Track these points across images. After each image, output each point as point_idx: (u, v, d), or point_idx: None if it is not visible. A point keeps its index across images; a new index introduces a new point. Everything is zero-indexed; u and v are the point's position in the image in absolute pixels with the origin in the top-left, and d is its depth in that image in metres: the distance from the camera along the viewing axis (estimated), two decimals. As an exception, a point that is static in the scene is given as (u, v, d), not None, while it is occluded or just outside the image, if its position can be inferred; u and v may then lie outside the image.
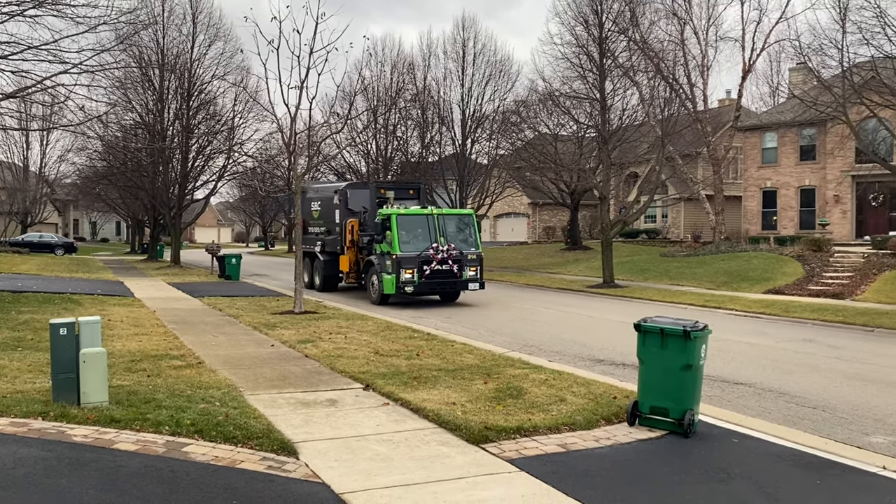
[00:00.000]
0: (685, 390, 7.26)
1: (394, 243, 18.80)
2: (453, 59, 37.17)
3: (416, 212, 19.88)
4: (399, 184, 25.52)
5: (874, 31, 16.82)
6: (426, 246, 18.97)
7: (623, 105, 32.68)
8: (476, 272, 19.51)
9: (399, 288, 18.69)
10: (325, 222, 23.78)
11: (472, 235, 20.08)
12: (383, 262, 19.27)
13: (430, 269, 18.81)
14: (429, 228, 19.32)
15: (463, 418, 7.31)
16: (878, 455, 6.84)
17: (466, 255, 19.37)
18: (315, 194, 25.20)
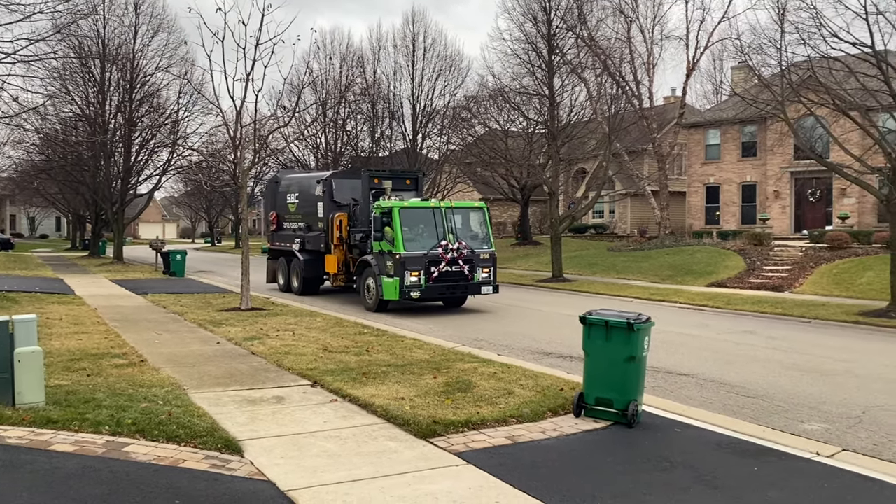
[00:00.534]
0: (629, 381, 7.40)
1: (396, 241, 16.21)
2: (403, 53, 37.10)
3: (421, 204, 17.17)
4: (395, 172, 22.06)
5: (811, 32, 17.37)
6: (433, 244, 16.44)
7: (571, 102, 33.12)
8: (489, 274, 17.06)
9: (403, 293, 16.13)
10: (305, 216, 20.80)
11: (483, 232, 17.54)
12: (382, 263, 16.70)
13: (438, 270, 16.32)
14: (436, 224, 16.71)
15: (411, 413, 7.31)
16: (811, 441, 7.09)
17: (478, 255, 16.92)
18: (291, 185, 22.04)
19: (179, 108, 36.01)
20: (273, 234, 22.67)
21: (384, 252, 16.64)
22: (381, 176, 19.41)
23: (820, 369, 10.83)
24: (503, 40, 36.00)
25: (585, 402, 7.61)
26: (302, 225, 20.94)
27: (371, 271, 17.23)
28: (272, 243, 22.85)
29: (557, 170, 31.47)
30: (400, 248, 16.19)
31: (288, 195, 21.86)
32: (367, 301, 17.50)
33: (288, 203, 21.82)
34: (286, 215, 21.93)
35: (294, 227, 21.42)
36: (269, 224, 22.84)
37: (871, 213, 31.00)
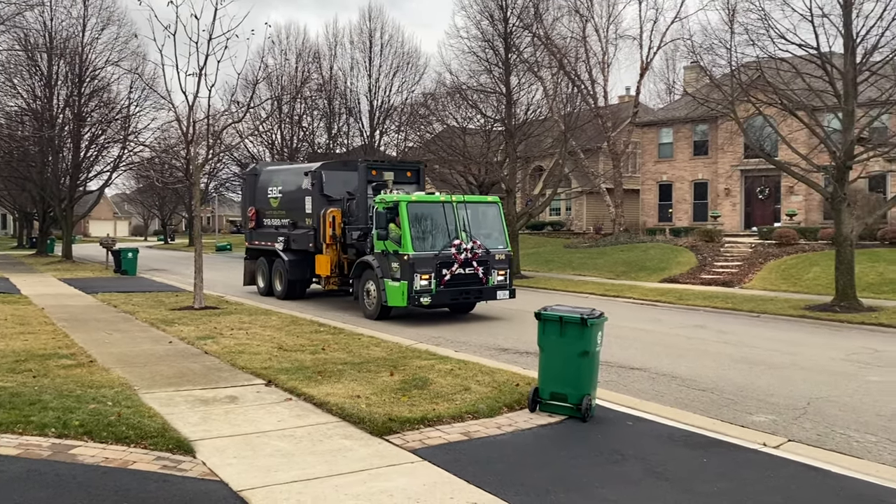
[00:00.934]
0: (583, 376, 7.49)
1: (404, 240, 14.41)
2: (360, 49, 36.93)
3: (431, 198, 15.43)
4: (395, 163, 19.81)
5: (759, 33, 17.79)
6: (445, 243, 14.72)
7: (528, 100, 33.33)
8: (505, 276, 15.37)
9: (412, 299, 14.35)
10: (290, 212, 18.87)
11: (498, 229, 15.76)
12: (386, 265, 14.87)
13: (450, 273, 14.58)
14: (446, 220, 14.91)
15: (367, 411, 7.28)
16: (759, 433, 7.27)
17: (493, 255, 15.21)
18: (273, 177, 20.01)
19: (131, 104, 35.27)
20: (252, 232, 20.72)
21: (388, 252, 14.79)
22: (381, 167, 17.60)
23: (768, 362, 11.11)
24: (460, 38, 36.03)
25: (540, 397, 7.68)
26: (286, 222, 19.10)
27: (372, 274, 15.42)
28: (251, 242, 20.93)
29: (515, 167, 31.65)
30: (408, 247, 14.35)
31: (269, 189, 19.85)
32: (367, 307, 15.65)
33: (269, 197, 19.80)
34: (267, 211, 19.98)
35: (276, 224, 19.57)
36: (246, 221, 20.75)
37: (817, 210, 31.90)
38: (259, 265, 20.51)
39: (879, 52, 17.22)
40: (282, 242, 18.96)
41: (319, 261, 17.60)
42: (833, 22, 17.21)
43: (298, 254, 18.57)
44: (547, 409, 7.63)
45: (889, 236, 24.33)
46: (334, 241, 17.18)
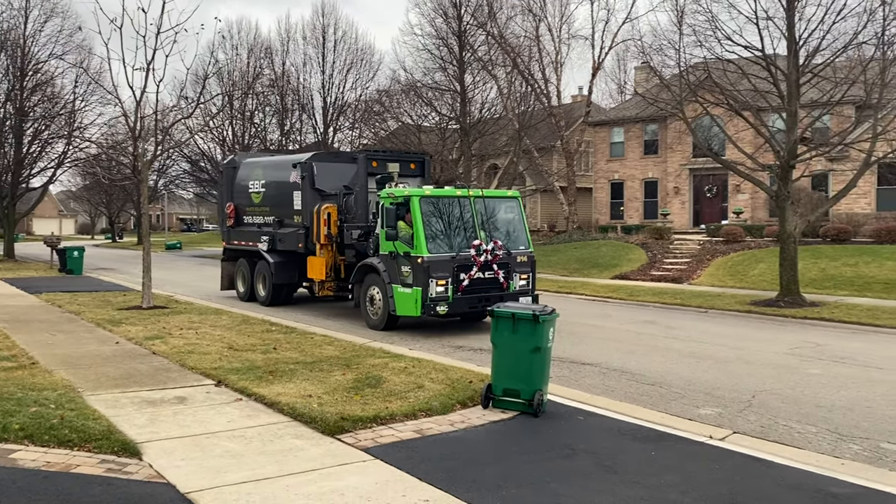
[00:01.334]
0: (535, 372, 7.56)
1: (417, 240, 12.71)
2: (313, 45, 36.57)
3: (446, 193, 13.67)
4: (398, 153, 17.77)
5: (707, 35, 18.19)
6: (462, 244, 13.10)
7: (483, 98, 33.57)
8: (527, 281, 13.74)
9: (427, 308, 12.58)
10: (275, 209, 17.11)
11: (519, 228, 14.17)
12: (394, 268, 13.15)
13: (468, 278, 12.91)
14: (463, 217, 13.34)
15: (319, 410, 7.23)
16: (706, 426, 7.44)
17: (515, 257, 13.60)
18: (255, 170, 18.16)
19: (76, 98, 34.29)
20: (230, 231, 18.80)
21: (397, 254, 13.06)
22: (384, 158, 16.00)
23: (715, 357, 11.38)
24: (414, 35, 36.01)
25: (493, 393, 7.73)
26: (270, 219, 17.32)
27: (376, 279, 13.67)
28: (229, 241, 19.03)
29: (470, 165, 31.82)
30: (423, 248, 12.61)
31: (250, 183, 18.00)
32: (371, 317, 13.88)
33: (250, 192, 17.96)
34: (248, 207, 18.12)
35: (259, 222, 17.76)
36: (224, 218, 18.91)
37: (763, 208, 32.76)
38: (239, 267, 18.60)
39: (821, 55, 17.77)
40: (266, 242, 17.13)
41: (312, 263, 15.76)
42: (777, 25, 17.69)
43: (285, 255, 16.84)
44: (500, 406, 7.68)
45: (831, 233, 25.12)
46: (329, 241, 15.37)
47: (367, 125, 35.97)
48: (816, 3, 17.36)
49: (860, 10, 17.11)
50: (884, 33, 17.04)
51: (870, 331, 14.18)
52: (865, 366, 10.67)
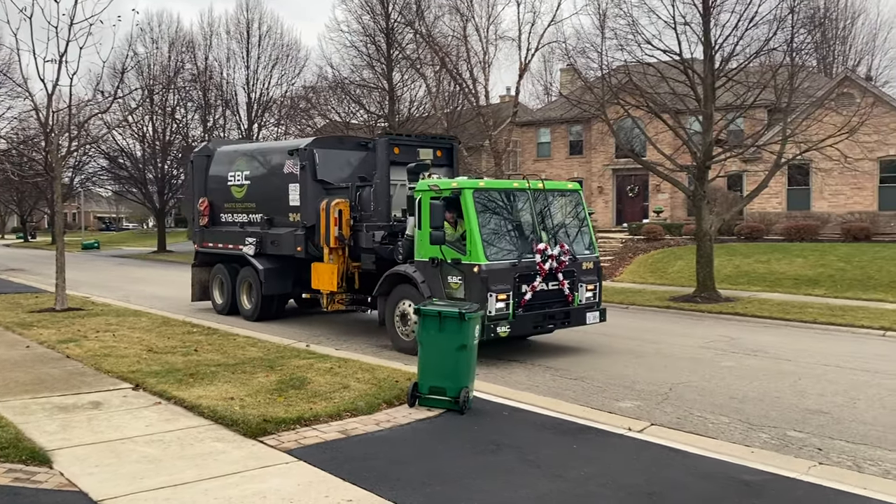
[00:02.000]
0: (461, 369, 7.62)
1: (473, 244, 10.29)
2: (237, 40, 35.80)
3: (503, 185, 11.35)
4: (423, 137, 14.85)
5: (628, 39, 18.71)
6: (523, 248, 10.72)
7: (411, 96, 33.53)
8: (594, 292, 11.45)
9: (485, 328, 9.87)
10: (264, 205, 14.48)
11: (583, 228, 11.81)
12: (437, 280, 10.71)
13: (531, 290, 10.50)
14: (522, 215, 11.05)
15: (241, 413, 7.09)
16: (625, 418, 7.66)
17: (580, 263, 11.27)
18: (236, 159, 15.39)
19: (-19, 90, 32.50)
20: (203, 232, 16.05)
21: (442, 261, 10.62)
22: (409, 143, 13.27)
23: (635, 351, 11.71)
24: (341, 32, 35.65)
25: (419, 391, 7.74)
26: (257, 217, 14.66)
27: (410, 292, 11.16)
28: (202, 244, 16.18)
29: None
30: (479, 255, 10.21)
31: (230, 174, 15.33)
32: (402, 337, 11.35)
33: (230, 186, 15.31)
34: (227, 203, 15.47)
35: (242, 221, 15.07)
36: (196, 216, 16.22)
37: (681, 207, 33.89)
38: (216, 275, 15.80)
39: (735, 60, 18.51)
40: (252, 245, 14.50)
41: (319, 271, 13.12)
42: (694, 30, 18.34)
43: (277, 260, 14.32)
44: (426, 404, 7.70)
45: (745, 232, 26.21)
46: (341, 245, 12.74)
47: (292, 122, 35.45)
48: (731, 10, 18.10)
49: (771, 17, 17.92)
50: (792, 40, 17.91)
51: (780, 325, 14.87)
52: (776, 358, 11.18)
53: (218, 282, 15.82)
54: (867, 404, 8.40)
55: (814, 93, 21.11)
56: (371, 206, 12.56)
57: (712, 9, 17.99)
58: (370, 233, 12.36)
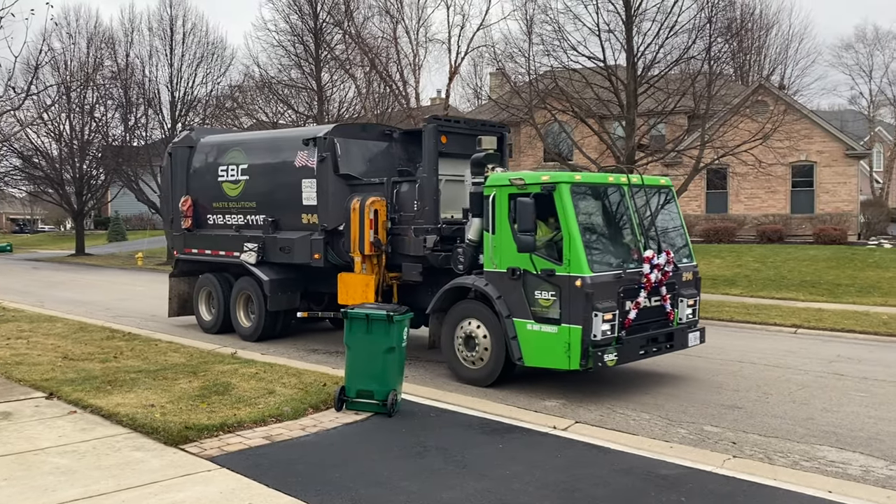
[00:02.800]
0: (389, 372, 7.61)
1: (573, 251, 8.38)
2: (160, 37, 34.73)
3: (600, 179, 9.40)
4: (472, 122, 12.17)
5: (554, 45, 19.10)
6: (623, 255, 9.03)
7: (341, 97, 33.26)
8: (694, 308, 9.76)
9: (591, 357, 8.27)
10: (267, 204, 12.38)
11: (680, 231, 10.07)
12: (518, 295, 8.79)
13: (635, 307, 8.68)
14: (618, 216, 9.34)
15: (161, 420, 6.90)
16: (550, 417, 7.80)
17: (681, 274, 9.53)
18: (230, 150, 13.15)
19: None
20: (186, 236, 13.64)
21: (525, 273, 8.71)
22: (459, 131, 11.03)
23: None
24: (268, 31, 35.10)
25: (347, 395, 7.70)
26: (258, 219, 12.53)
27: (478, 309, 9.32)
28: (184, 249, 13.81)
29: (327, 165, 31.40)
30: (582, 265, 8.32)
31: (222, 169, 13.07)
32: (466, 365, 9.45)
33: (222, 182, 13.06)
34: (217, 203, 13.22)
35: (238, 224, 12.87)
36: (177, 217, 13.78)
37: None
38: (203, 286, 13.50)
39: (657, 67, 19.12)
40: (253, 252, 12.33)
41: (349, 284, 10.96)
42: (617, 38, 18.85)
43: (285, 270, 12.26)
44: (354, 408, 7.66)
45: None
46: (377, 251, 10.69)
47: (218, 121, 34.64)
48: (652, 18, 18.69)
49: (690, 26, 18.59)
50: (710, 49, 18.61)
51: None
52: (693, 356, 11.57)
53: (205, 295, 13.51)
54: (778, 399, 8.80)
55: (730, 100, 22.01)
56: (415, 205, 10.53)
57: (635, 17, 18.54)
58: (419, 237, 10.32)
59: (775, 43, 44.14)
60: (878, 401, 8.59)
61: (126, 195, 38.82)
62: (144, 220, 53.35)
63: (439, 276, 10.10)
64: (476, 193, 9.65)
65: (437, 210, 10.48)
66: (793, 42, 45.18)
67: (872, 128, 49.09)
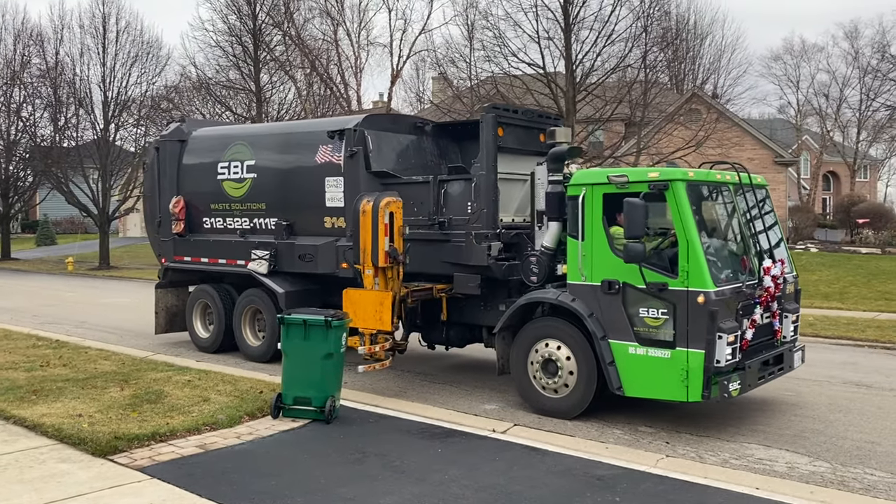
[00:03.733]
0: (327, 378, 7.54)
1: (693, 261, 7.12)
2: (92, 34, 33.58)
3: (709, 177, 7.88)
4: (530, 112, 10.41)
5: (495, 51, 19.29)
6: (735, 265, 7.92)
7: (281, 99, 32.85)
8: (796, 324, 8.55)
9: (717, 387, 7.08)
10: (279, 205, 10.89)
11: (779, 237, 8.62)
12: (620, 311, 7.55)
13: (751, 325, 7.51)
14: (729, 220, 8.31)
15: (89, 430, 6.67)
16: (490, 420, 7.84)
17: (786, 287, 8.21)
18: (229, 145, 11.57)
19: None
20: (177, 241, 12.08)
21: (627, 286, 7.49)
22: (517, 123, 9.63)
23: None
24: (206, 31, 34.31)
25: (283, 402, 7.59)
26: (269, 222, 11.05)
27: (554, 327, 8.12)
28: (174, 257, 12.18)
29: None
30: (704, 278, 7.08)
31: (222, 165, 11.51)
32: (544, 393, 8.14)
33: (223, 180, 11.47)
34: (216, 204, 11.65)
35: (243, 228, 11.36)
36: (166, 220, 12.23)
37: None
38: (199, 299, 12.03)
39: (595, 75, 19.49)
40: (265, 260, 10.84)
41: (358, 302, 8.76)
42: (557, 45, 19.17)
43: (303, 281, 10.77)
44: (291, 415, 7.55)
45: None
46: (393, 263, 8.77)
47: (153, 122, 33.74)
48: (590, 27, 19.05)
49: (627, 35, 19.04)
50: (646, 58, 19.09)
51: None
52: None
53: (201, 308, 12.03)
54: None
55: (665, 108, 22.59)
56: (469, 206, 9.13)
57: (573, 25, 18.87)
58: (481, 244, 8.85)
59: (709, 53, 45.48)
60: (802, 400, 8.92)
61: (56, 198, 37.43)
62: (76, 223, 51.58)
63: (496, 289, 9.10)
64: (555, 193, 8.33)
65: (496, 212, 9.11)
66: (725, 52, 46.58)
67: (800, 136, 51.12)
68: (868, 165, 56.16)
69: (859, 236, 27.54)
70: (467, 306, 9.56)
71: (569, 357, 7.91)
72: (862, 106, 43.75)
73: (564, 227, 8.18)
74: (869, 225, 28.52)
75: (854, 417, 8.11)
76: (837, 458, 6.72)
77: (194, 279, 12.38)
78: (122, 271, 30.51)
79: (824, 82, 48.33)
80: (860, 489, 5.97)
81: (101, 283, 25.89)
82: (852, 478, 6.22)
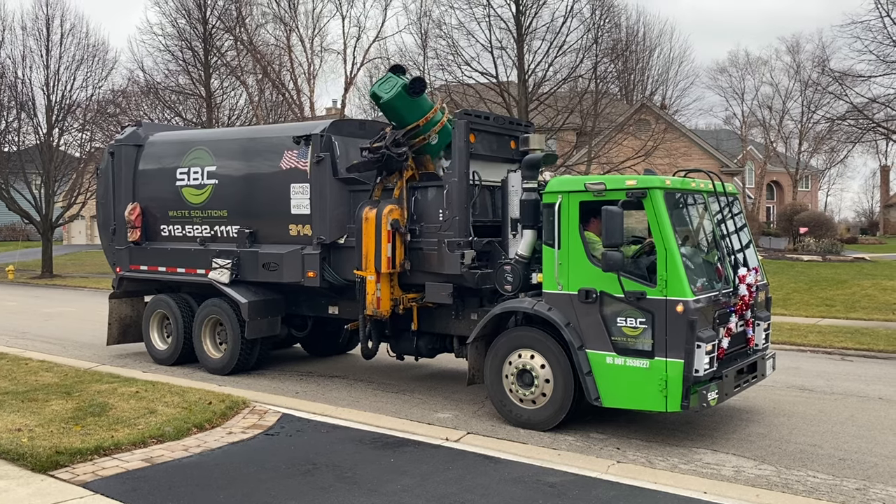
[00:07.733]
0: (278, 388, 7.42)
1: (671, 269, 7.08)
2: (35, 37, 32.66)
3: (684, 185, 7.85)
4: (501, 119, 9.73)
5: (449, 60, 19.38)
6: (710, 273, 7.79)
7: (232, 104, 32.43)
8: (767, 332, 8.59)
9: (696, 397, 7.04)
10: (242, 212, 10.59)
11: (749, 242, 8.57)
12: (597, 320, 7.43)
13: (727, 333, 7.46)
14: (703, 228, 8.14)
15: (29, 445, 6.44)
16: (443, 429, 7.81)
17: (758, 295, 8.23)
18: (189, 150, 11.22)
19: None
20: (132, 250, 11.67)
21: (604, 295, 7.38)
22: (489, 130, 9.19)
23: (456, 362, 11.99)
24: (154, 35, 33.65)
25: (233, 413, 7.45)
26: (230, 230, 10.72)
27: (529, 337, 7.96)
28: (132, 266, 11.74)
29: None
30: (682, 286, 7.03)
31: (181, 171, 11.15)
32: (518, 405, 7.99)
33: (182, 186, 11.14)
34: (175, 211, 11.30)
35: (202, 236, 11.01)
36: (121, 228, 11.80)
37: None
38: (156, 309, 11.61)
39: (547, 85, 19.73)
40: (226, 269, 10.52)
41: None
42: (509, 55, 19.36)
43: (266, 290, 10.54)
44: (240, 425, 7.41)
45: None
46: (395, 269, 8.98)
47: (99, 127, 32.93)
48: (542, 37, 19.29)
49: (578, 46, 19.33)
50: (596, 68, 19.41)
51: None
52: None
53: (158, 319, 11.62)
54: (659, 404, 9.17)
55: (616, 118, 22.99)
56: (440, 214, 8.89)
57: (525, 35, 19.09)
58: (455, 252, 8.61)
59: (657, 64, 46.54)
60: (748, 404, 9.14)
61: (-5, 204, 36.20)
62: (17, 230, 50.01)
63: (467, 298, 8.94)
64: (530, 201, 8.19)
65: (469, 220, 8.86)
66: (673, 64, 47.75)
67: (745, 146, 52.59)
68: (809, 175, 58.10)
69: (801, 244, 28.40)
70: (438, 316, 9.34)
71: (544, 366, 7.77)
72: (803, 118, 45.34)
73: (539, 235, 8.05)
74: (810, 233, 29.44)
75: (797, 421, 8.32)
76: (782, 462, 6.89)
77: (151, 289, 11.99)
78: (67, 280, 29.65)
79: (768, 94, 49.96)
80: (803, 491, 6.13)
81: (43, 292, 25.11)
82: (796, 480, 6.39)
